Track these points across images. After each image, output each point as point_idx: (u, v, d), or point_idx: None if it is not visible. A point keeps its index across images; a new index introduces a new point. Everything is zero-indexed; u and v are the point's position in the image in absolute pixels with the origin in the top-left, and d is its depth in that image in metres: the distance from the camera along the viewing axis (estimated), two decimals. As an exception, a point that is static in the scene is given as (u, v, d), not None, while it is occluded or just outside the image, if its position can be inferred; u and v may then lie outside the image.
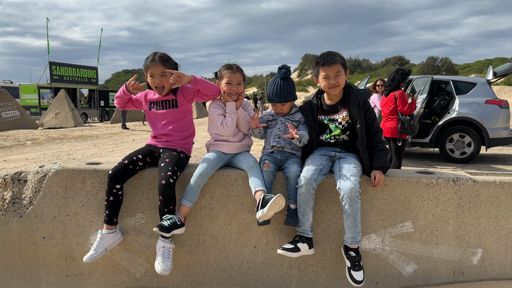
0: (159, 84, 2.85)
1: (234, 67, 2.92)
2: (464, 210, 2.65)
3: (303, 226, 2.59)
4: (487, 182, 2.64)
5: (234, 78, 2.88)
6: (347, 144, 2.84)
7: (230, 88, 2.87)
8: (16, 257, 2.91)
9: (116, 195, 2.69)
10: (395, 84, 6.22)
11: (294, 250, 2.54)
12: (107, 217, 2.72)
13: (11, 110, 18.69)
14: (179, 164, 2.75)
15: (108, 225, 2.73)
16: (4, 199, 2.93)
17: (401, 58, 79.82)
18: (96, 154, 10.58)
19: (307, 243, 2.58)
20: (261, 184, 2.60)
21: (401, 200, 2.69)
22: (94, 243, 2.70)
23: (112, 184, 2.67)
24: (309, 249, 2.59)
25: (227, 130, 2.85)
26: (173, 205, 2.63)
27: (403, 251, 2.70)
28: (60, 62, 27.78)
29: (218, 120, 2.87)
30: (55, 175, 2.88)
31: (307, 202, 2.56)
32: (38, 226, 2.89)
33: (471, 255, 2.67)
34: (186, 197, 2.67)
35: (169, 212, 2.62)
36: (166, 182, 2.57)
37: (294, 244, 2.56)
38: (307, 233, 2.59)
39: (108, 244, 2.70)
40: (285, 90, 2.84)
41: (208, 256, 2.83)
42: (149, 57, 2.86)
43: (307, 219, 2.58)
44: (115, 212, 2.73)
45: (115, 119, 23.36)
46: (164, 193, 2.58)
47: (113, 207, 2.71)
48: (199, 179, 2.69)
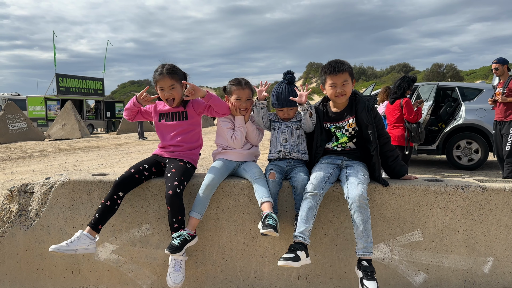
0: (169, 96, 2.86)
1: (243, 83, 2.94)
2: (474, 218, 2.61)
3: (301, 228, 2.46)
4: (496, 190, 2.60)
5: (243, 95, 2.91)
6: (354, 152, 2.82)
7: (240, 104, 2.90)
8: (22, 270, 2.90)
9: (115, 202, 2.64)
10: (400, 91, 6.20)
11: (295, 259, 2.38)
12: (94, 221, 2.60)
13: (19, 122, 18.86)
14: (186, 174, 2.74)
15: (91, 230, 2.60)
16: (11, 212, 2.93)
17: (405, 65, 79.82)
18: (103, 164, 10.62)
19: (304, 251, 2.44)
20: (267, 195, 2.58)
21: (409, 208, 2.65)
22: (70, 238, 2.53)
23: (115, 191, 2.64)
24: (306, 257, 2.44)
25: (236, 144, 2.90)
26: (181, 215, 2.61)
27: (412, 261, 2.66)
28: (67, 74, 28.07)
29: (228, 134, 2.91)
30: (61, 187, 2.88)
31: (311, 208, 2.50)
32: (45, 238, 2.88)
33: (482, 264, 2.63)
34: (195, 209, 2.65)
35: (178, 223, 2.60)
36: (173, 192, 2.56)
37: (294, 252, 2.41)
38: (305, 238, 2.46)
39: (81, 247, 2.53)
40: (292, 95, 2.85)
41: (215, 267, 2.81)
42: (158, 70, 2.86)
43: (308, 224, 2.48)
44: (103, 219, 2.63)
45: (121, 129, 23.49)
46: (172, 203, 2.57)
47: (105, 213, 2.62)
48: (207, 190, 2.68)
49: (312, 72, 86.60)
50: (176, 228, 2.61)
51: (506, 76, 6.02)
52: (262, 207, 2.56)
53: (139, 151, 14.06)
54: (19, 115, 18.99)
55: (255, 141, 2.99)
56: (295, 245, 2.45)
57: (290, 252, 2.41)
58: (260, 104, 2.87)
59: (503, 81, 6.03)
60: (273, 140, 2.91)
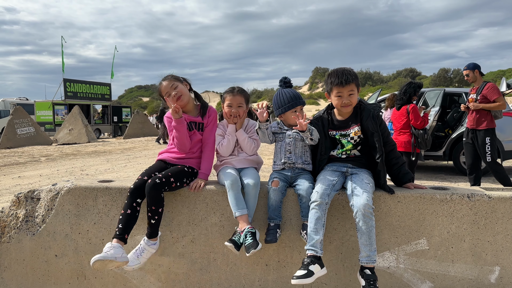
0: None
1: (236, 90, 2.99)
2: (480, 227, 2.59)
3: (312, 241, 2.47)
4: (503, 198, 2.58)
5: (234, 101, 2.96)
6: (359, 159, 2.82)
7: (230, 110, 2.95)
8: (28, 275, 2.92)
9: (135, 209, 2.66)
10: (407, 97, 6.17)
11: (308, 275, 2.37)
12: (119, 232, 2.59)
13: (26, 126, 19.04)
14: (179, 174, 2.78)
15: (119, 241, 2.60)
16: (18, 217, 2.96)
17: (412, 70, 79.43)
18: (109, 169, 10.67)
19: (318, 263, 2.44)
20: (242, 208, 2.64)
21: (415, 216, 2.64)
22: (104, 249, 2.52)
23: (133, 198, 2.66)
24: (321, 269, 2.43)
25: (222, 151, 2.96)
26: (156, 206, 2.64)
27: (418, 269, 2.64)
28: (74, 79, 28.31)
29: (216, 140, 2.99)
30: (68, 193, 2.91)
31: (319, 218, 2.50)
32: (51, 244, 2.90)
33: (488, 273, 2.60)
34: (237, 207, 2.65)
35: (151, 212, 2.64)
36: (152, 182, 2.63)
37: (306, 268, 2.40)
38: (317, 250, 2.45)
39: (118, 255, 2.51)
40: (296, 94, 2.88)
41: (219, 275, 2.81)
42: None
43: (318, 235, 2.48)
44: (128, 228, 2.63)
45: (128, 134, 23.60)
46: (149, 191, 2.62)
47: (128, 221, 2.63)
48: (234, 186, 2.69)
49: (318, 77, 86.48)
50: (149, 217, 2.66)
51: (479, 82, 5.75)
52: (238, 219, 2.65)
53: (146, 156, 14.12)
54: (27, 120, 19.17)
55: (248, 150, 2.97)
56: (308, 258, 2.44)
57: (302, 268, 2.40)
58: (264, 125, 2.84)
59: (476, 87, 5.79)
60: (277, 151, 2.90)
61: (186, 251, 2.82)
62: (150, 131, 24.38)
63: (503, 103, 5.51)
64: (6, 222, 2.96)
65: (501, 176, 5.73)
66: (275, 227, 2.67)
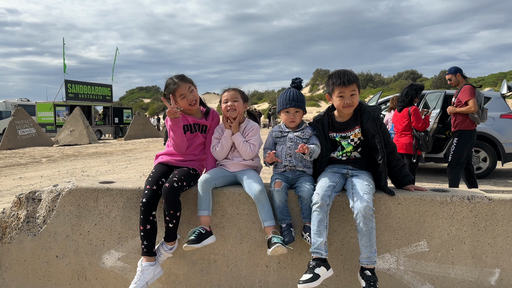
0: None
1: (230, 88, 3.01)
2: (480, 229, 2.60)
3: (316, 244, 2.49)
4: (503, 200, 2.58)
5: (229, 96, 2.95)
6: (359, 161, 2.82)
7: (227, 105, 2.93)
8: (29, 276, 2.93)
9: (153, 222, 2.67)
10: (408, 99, 6.18)
11: (314, 279, 2.38)
12: (146, 248, 2.63)
13: (28, 127, 19.07)
14: (187, 176, 2.78)
15: (148, 257, 2.64)
16: (19, 218, 2.97)
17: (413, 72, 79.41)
18: (110, 170, 10.68)
19: (323, 265, 2.45)
20: (270, 219, 2.65)
21: (415, 218, 2.64)
22: (135, 276, 2.60)
23: (148, 212, 2.64)
24: (327, 270, 2.45)
25: (215, 154, 2.97)
26: (174, 210, 2.64)
27: (418, 271, 2.65)
28: (75, 80, 28.35)
29: (212, 143, 3.00)
30: (69, 194, 2.91)
31: (321, 220, 2.51)
32: (52, 245, 2.91)
33: (488, 275, 2.60)
34: (199, 207, 2.69)
35: (169, 216, 2.64)
36: (170, 185, 2.63)
37: (312, 272, 2.41)
38: (321, 253, 2.47)
39: (149, 277, 2.61)
40: (300, 97, 2.91)
41: (220, 276, 2.81)
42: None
43: (322, 237, 2.49)
44: (153, 241, 2.66)
45: (129, 135, 23.63)
46: (167, 195, 2.62)
47: (151, 236, 2.65)
48: (204, 185, 2.71)
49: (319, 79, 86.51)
50: (167, 221, 2.66)
51: (462, 85, 5.80)
52: (265, 230, 2.66)
53: (146, 157, 14.13)
54: (28, 121, 19.20)
55: (244, 154, 2.92)
56: (314, 261, 2.46)
57: (308, 271, 2.42)
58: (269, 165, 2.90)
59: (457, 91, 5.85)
60: (278, 154, 2.88)
61: (187, 252, 2.82)
62: (151, 132, 24.40)
63: (471, 106, 5.52)
64: (7, 223, 2.97)
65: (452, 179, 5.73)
66: (288, 227, 2.66)
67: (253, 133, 2.97)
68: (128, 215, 2.86)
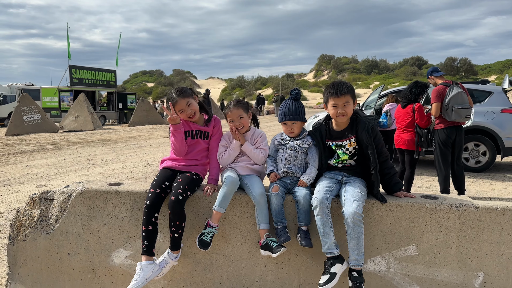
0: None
1: (231, 105, 3.16)
2: (466, 235, 2.76)
3: (326, 245, 2.69)
4: (489, 208, 2.74)
5: (233, 115, 3.12)
6: (354, 169, 2.98)
7: (234, 124, 3.11)
8: (43, 272, 3.13)
9: (155, 224, 2.85)
10: (413, 96, 6.25)
11: (332, 278, 2.61)
12: (146, 248, 2.83)
13: (33, 114, 19.25)
14: (191, 184, 2.95)
15: (148, 256, 2.84)
16: (33, 217, 3.15)
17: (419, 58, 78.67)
18: (115, 159, 10.87)
19: (338, 262, 2.67)
20: (265, 222, 2.82)
21: (405, 224, 2.81)
22: (135, 275, 2.79)
23: (150, 214, 2.83)
24: (342, 265, 2.68)
25: (221, 161, 3.16)
26: (180, 221, 2.83)
27: (407, 273, 2.82)
28: (80, 66, 28.44)
29: (219, 150, 3.18)
30: (79, 196, 3.09)
31: (325, 222, 2.69)
32: (64, 243, 3.10)
33: (473, 278, 2.77)
34: (221, 204, 2.84)
35: (175, 227, 2.83)
36: (175, 199, 2.80)
37: (328, 272, 2.64)
38: (333, 251, 2.68)
39: (148, 274, 2.80)
40: (296, 109, 3.04)
41: (221, 275, 3.00)
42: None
43: (329, 237, 2.68)
44: (153, 242, 2.86)
45: (133, 122, 23.79)
46: (173, 208, 2.80)
47: (152, 237, 2.85)
48: (231, 186, 2.87)
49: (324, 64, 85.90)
50: (173, 231, 2.84)
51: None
52: (259, 231, 2.85)
53: (151, 145, 14.31)
54: (33, 107, 19.38)
55: (257, 160, 3.11)
56: (328, 261, 2.69)
57: (325, 273, 2.66)
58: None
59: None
60: (278, 160, 3.08)
61: (190, 252, 3.01)
62: (155, 119, 24.54)
63: (432, 109, 5.83)
64: (22, 222, 3.16)
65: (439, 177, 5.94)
66: (283, 228, 2.84)
67: (262, 139, 3.19)
68: (135, 216, 3.04)
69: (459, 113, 5.68)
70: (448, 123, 5.80)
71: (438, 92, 5.80)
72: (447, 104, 5.72)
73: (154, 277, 2.84)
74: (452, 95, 5.74)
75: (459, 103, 5.70)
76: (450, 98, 5.72)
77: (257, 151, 3.12)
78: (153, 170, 8.89)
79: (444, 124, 5.83)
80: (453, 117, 5.71)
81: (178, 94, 3.08)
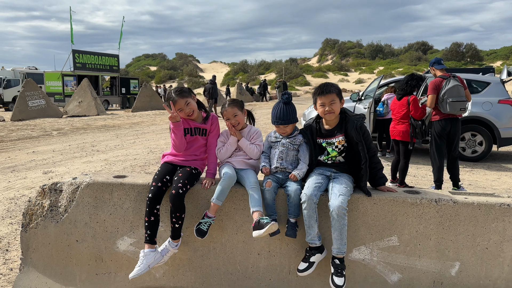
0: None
1: (226, 105, 3.38)
2: (445, 228, 2.98)
3: (309, 236, 2.96)
4: (466, 203, 2.95)
5: (229, 114, 3.34)
6: (342, 165, 3.19)
7: (230, 122, 3.33)
8: (53, 257, 3.38)
9: (156, 215, 3.08)
10: (409, 89, 6.42)
11: (309, 267, 2.95)
12: (149, 237, 3.07)
13: (37, 99, 19.49)
14: (190, 178, 3.17)
15: (150, 244, 3.08)
16: (43, 207, 3.39)
17: (424, 43, 77.77)
18: (119, 146, 11.11)
19: (317, 252, 2.98)
20: (258, 206, 3.01)
21: (388, 217, 3.03)
22: (138, 262, 3.03)
23: (153, 206, 3.06)
24: (321, 254, 2.99)
25: (219, 155, 3.38)
26: (180, 213, 3.06)
27: (389, 262, 3.05)
28: (83, 50, 28.52)
29: (217, 145, 3.40)
30: (87, 187, 3.32)
31: (311, 216, 2.93)
32: (72, 231, 3.34)
33: (449, 267, 3.00)
34: (218, 197, 3.06)
35: (175, 218, 3.06)
36: (176, 192, 3.03)
37: (307, 261, 2.96)
38: (315, 242, 2.96)
39: (150, 261, 3.03)
40: (287, 114, 3.22)
41: (218, 261, 3.24)
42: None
43: (313, 230, 2.95)
44: (155, 232, 3.10)
45: (136, 107, 23.99)
46: (174, 201, 3.03)
47: (154, 227, 3.08)
48: (229, 181, 3.10)
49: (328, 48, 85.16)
50: (174, 222, 3.08)
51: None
52: (252, 215, 3.02)
53: (153, 131, 14.54)
54: (37, 92, 19.61)
55: (252, 155, 3.34)
56: (309, 251, 3.00)
57: (304, 261, 2.99)
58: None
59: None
60: (271, 157, 3.29)
61: (190, 240, 3.25)
62: (158, 104, 24.73)
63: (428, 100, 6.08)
64: (33, 211, 3.40)
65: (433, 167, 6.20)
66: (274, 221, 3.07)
67: (257, 136, 3.41)
68: (139, 207, 3.27)
69: (454, 105, 5.85)
70: (444, 115, 5.98)
71: (435, 84, 5.98)
72: (443, 96, 5.89)
73: (156, 264, 3.09)
74: (448, 88, 5.90)
75: (454, 96, 5.86)
76: (446, 91, 5.88)
77: (253, 146, 3.34)
78: (156, 157, 9.13)
79: (439, 116, 6.01)
80: (447, 109, 5.88)
81: (177, 94, 3.29)
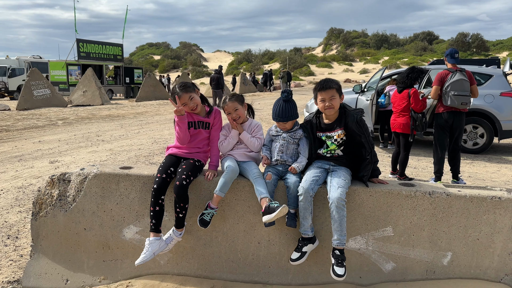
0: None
1: (227, 99, 3.50)
2: (438, 219, 3.09)
3: (303, 227, 3.10)
4: (458, 196, 3.06)
5: (229, 108, 3.47)
6: (340, 159, 3.30)
7: (231, 116, 3.46)
8: (62, 244, 3.53)
9: (161, 205, 3.22)
10: (409, 81, 6.48)
11: (301, 257, 3.07)
12: (154, 226, 3.20)
13: (42, 88, 19.64)
14: (193, 170, 3.30)
15: (155, 233, 3.21)
16: (53, 196, 3.53)
17: (430, 33, 77.09)
18: (123, 136, 11.25)
19: (310, 243, 3.10)
20: (265, 192, 3.11)
21: (383, 208, 3.15)
22: (144, 249, 3.17)
23: (158, 197, 3.20)
24: (313, 244, 3.12)
25: (221, 148, 3.51)
26: (184, 203, 3.19)
27: (383, 252, 3.18)
28: (87, 40, 28.61)
29: (220, 138, 3.53)
30: (94, 178, 3.45)
31: (306, 208, 3.06)
32: (80, 220, 3.49)
33: (442, 257, 3.13)
34: (221, 189, 3.18)
35: (179, 208, 3.19)
36: (180, 184, 3.16)
37: (299, 250, 3.09)
38: (308, 233, 3.09)
39: (155, 249, 3.17)
40: (286, 111, 3.32)
41: (220, 249, 3.38)
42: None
43: (307, 221, 3.08)
44: (160, 221, 3.23)
45: (140, 97, 24.10)
46: (178, 192, 3.16)
47: (159, 216, 3.22)
48: (232, 174, 3.22)
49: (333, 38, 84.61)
50: (178, 212, 3.21)
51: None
52: (261, 202, 3.11)
53: (157, 121, 14.66)
54: (42, 82, 19.75)
55: (253, 148, 3.46)
56: (302, 241, 3.11)
57: (297, 250, 3.11)
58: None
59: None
60: (272, 149, 3.41)
61: (193, 229, 3.39)
62: (162, 94, 24.83)
63: (432, 91, 6.18)
64: (43, 200, 3.54)
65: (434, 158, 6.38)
66: None
67: (258, 129, 3.54)
68: (144, 197, 3.40)
69: (455, 99, 5.93)
70: (447, 108, 6.06)
71: (441, 76, 6.07)
72: (446, 89, 5.97)
73: (160, 251, 3.23)
74: (453, 81, 5.98)
75: (457, 90, 5.93)
76: (450, 84, 5.97)
77: (254, 139, 3.45)
78: (160, 148, 9.27)
79: (443, 108, 6.10)
80: (448, 102, 5.96)
81: (181, 89, 3.40)
